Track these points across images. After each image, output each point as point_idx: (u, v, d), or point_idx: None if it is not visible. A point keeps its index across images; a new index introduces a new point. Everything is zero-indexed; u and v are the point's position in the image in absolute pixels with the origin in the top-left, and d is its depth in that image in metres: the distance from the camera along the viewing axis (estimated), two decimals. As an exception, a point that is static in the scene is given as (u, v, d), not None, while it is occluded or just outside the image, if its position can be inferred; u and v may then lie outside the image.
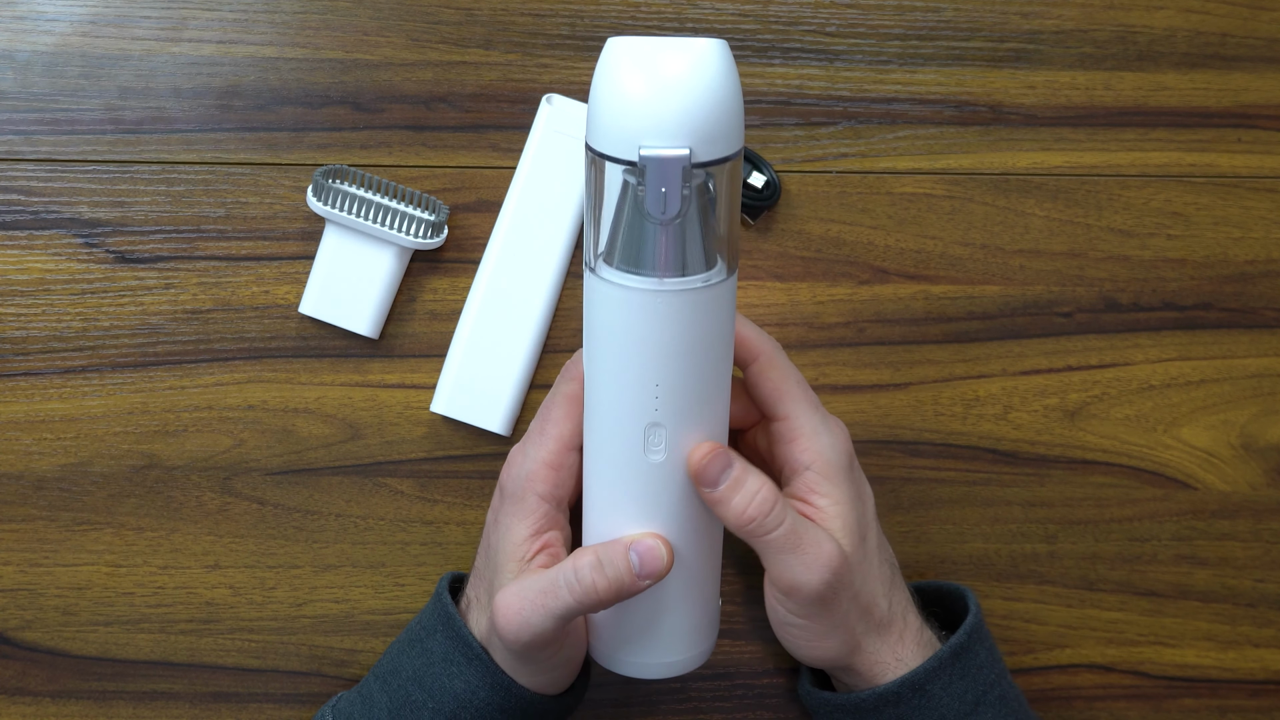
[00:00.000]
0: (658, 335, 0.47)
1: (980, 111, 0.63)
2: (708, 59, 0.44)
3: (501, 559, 0.52)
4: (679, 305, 0.47)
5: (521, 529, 0.52)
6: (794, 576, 0.50)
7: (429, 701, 0.53)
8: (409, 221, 0.59)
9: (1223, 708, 0.63)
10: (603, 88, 0.45)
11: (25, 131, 0.61)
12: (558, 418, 0.53)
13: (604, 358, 0.49)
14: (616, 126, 0.45)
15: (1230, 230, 0.63)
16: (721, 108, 0.45)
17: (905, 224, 0.63)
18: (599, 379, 0.50)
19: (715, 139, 0.45)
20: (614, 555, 0.49)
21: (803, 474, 0.53)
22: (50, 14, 0.61)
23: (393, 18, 0.61)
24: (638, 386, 0.49)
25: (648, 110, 0.44)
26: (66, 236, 0.61)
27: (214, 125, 0.61)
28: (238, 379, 0.61)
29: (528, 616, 0.49)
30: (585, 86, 0.62)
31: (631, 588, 0.49)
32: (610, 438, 0.50)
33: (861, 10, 0.62)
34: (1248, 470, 0.63)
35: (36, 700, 0.61)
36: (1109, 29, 0.63)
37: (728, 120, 0.45)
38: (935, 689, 0.52)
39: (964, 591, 0.57)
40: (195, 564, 0.61)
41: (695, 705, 0.62)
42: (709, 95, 0.44)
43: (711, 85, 0.44)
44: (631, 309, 0.47)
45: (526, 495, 0.53)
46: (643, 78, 0.44)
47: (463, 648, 0.53)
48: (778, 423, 0.54)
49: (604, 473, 0.51)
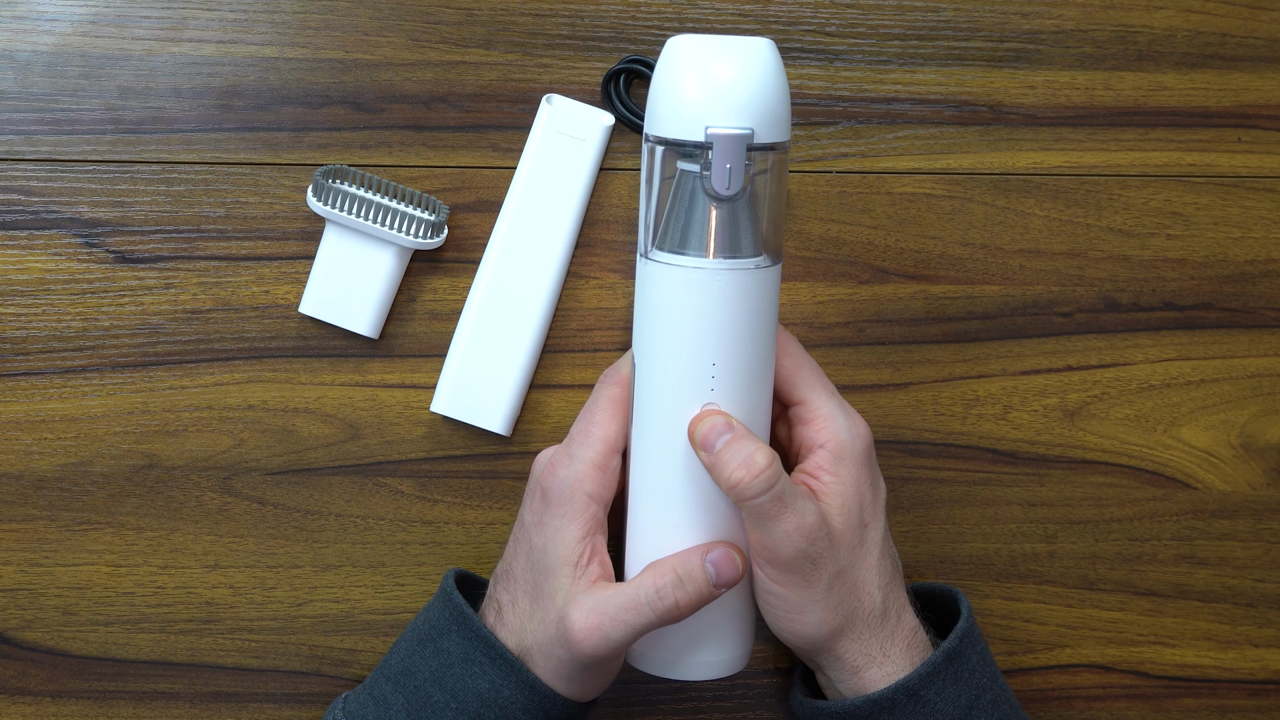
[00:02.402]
0: (716, 313, 0.51)
1: (980, 111, 0.63)
2: (763, 53, 0.50)
3: (552, 561, 0.52)
4: (735, 284, 0.51)
5: (573, 531, 0.52)
6: (771, 541, 0.51)
7: (451, 702, 0.53)
8: (409, 221, 0.59)
9: (1223, 708, 0.63)
10: (668, 78, 0.50)
11: (25, 131, 0.61)
12: (602, 420, 0.54)
13: (660, 341, 0.52)
14: (684, 111, 0.49)
15: (1230, 230, 0.63)
16: (777, 96, 0.50)
17: (905, 224, 0.63)
18: (654, 363, 0.52)
19: (772, 124, 0.50)
20: (692, 569, 0.50)
21: (816, 452, 0.53)
22: (50, 14, 0.61)
23: (393, 18, 0.61)
24: (695, 366, 0.51)
25: (715, 94, 0.49)
26: (67, 236, 0.61)
27: (214, 125, 0.61)
28: (238, 379, 0.61)
29: (608, 632, 0.50)
30: (586, 86, 0.62)
31: (709, 598, 0.51)
32: (666, 423, 0.52)
33: (861, 10, 0.62)
34: (1248, 470, 0.63)
35: (36, 700, 0.61)
36: (1109, 29, 0.63)
37: (781, 108, 0.50)
38: (930, 694, 0.52)
39: (956, 594, 0.57)
40: (195, 564, 0.61)
41: (695, 705, 0.62)
42: (767, 83, 0.50)
43: (768, 75, 0.50)
44: (690, 289, 0.51)
45: (576, 496, 0.52)
46: (708, 68, 0.49)
47: (484, 647, 0.53)
48: (795, 406, 0.54)
49: (657, 458, 0.52)
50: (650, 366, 0.52)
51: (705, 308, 0.51)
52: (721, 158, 0.49)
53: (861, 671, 0.53)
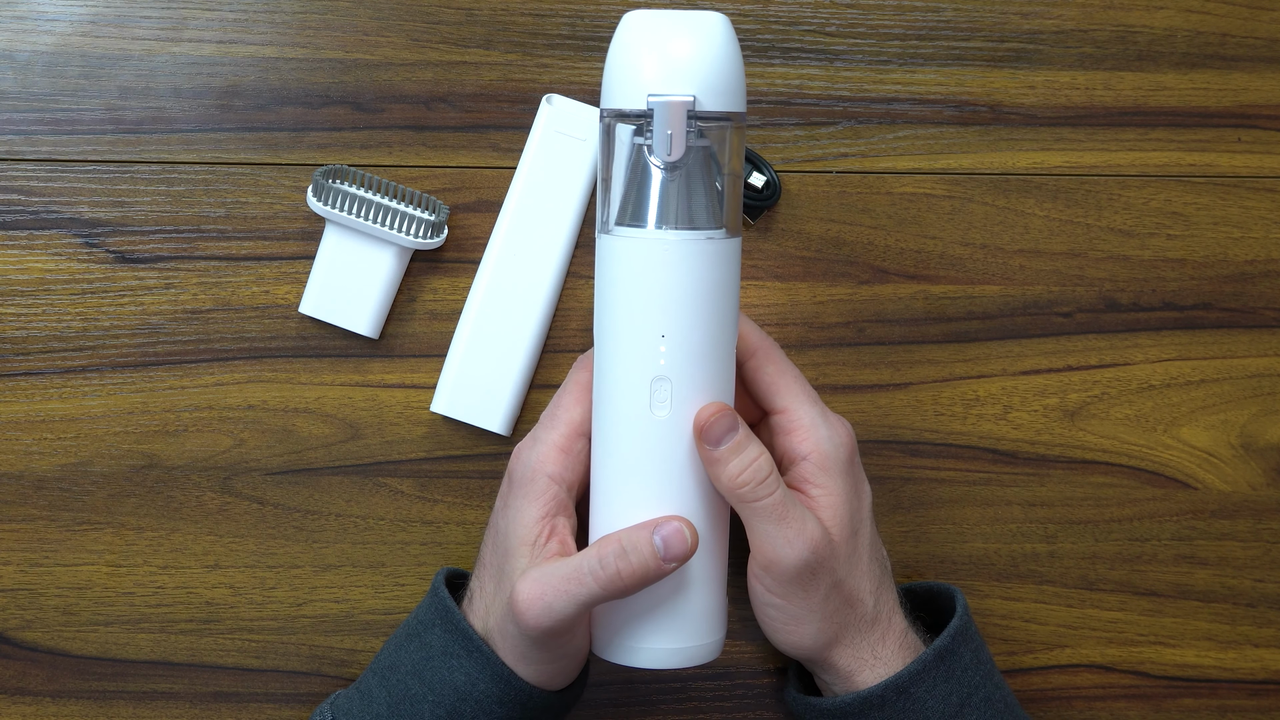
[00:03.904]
0: (662, 283, 0.50)
1: (980, 111, 0.63)
2: (711, 24, 0.50)
3: (512, 542, 0.52)
4: (683, 254, 0.50)
5: (532, 511, 0.52)
6: (775, 549, 0.50)
7: (429, 695, 0.53)
8: (409, 221, 0.59)
9: (1223, 708, 0.63)
10: (616, 51, 0.50)
11: (25, 131, 0.61)
12: (568, 404, 0.54)
13: (611, 314, 0.51)
14: (627, 81, 0.50)
15: (1230, 230, 0.63)
16: (724, 65, 0.50)
17: (905, 224, 0.63)
18: (606, 337, 0.52)
19: (719, 92, 0.50)
20: (638, 541, 0.49)
21: (799, 464, 0.53)
22: (50, 14, 0.61)
23: (393, 18, 0.61)
24: (644, 338, 0.50)
25: (655, 61, 0.49)
26: (67, 236, 0.61)
27: (214, 125, 0.61)
28: (238, 379, 0.61)
29: (550, 602, 0.49)
30: (585, 86, 0.62)
31: (657, 572, 0.50)
32: (617, 395, 0.51)
33: (861, 10, 0.62)
34: (1248, 470, 0.63)
35: (36, 700, 0.61)
36: (1109, 29, 0.63)
37: (729, 78, 0.50)
38: (919, 691, 0.52)
39: (953, 592, 0.57)
40: (195, 564, 0.61)
41: (695, 705, 0.62)
42: (712, 52, 0.49)
43: (715, 44, 0.50)
44: (637, 259, 0.51)
45: (537, 477, 0.53)
46: (651, 38, 0.50)
47: (462, 640, 0.53)
48: (776, 415, 0.54)
49: (611, 433, 0.52)
50: (604, 341, 0.52)
51: (652, 278, 0.50)
52: (662, 124, 0.49)
53: (854, 676, 0.53)
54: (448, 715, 0.52)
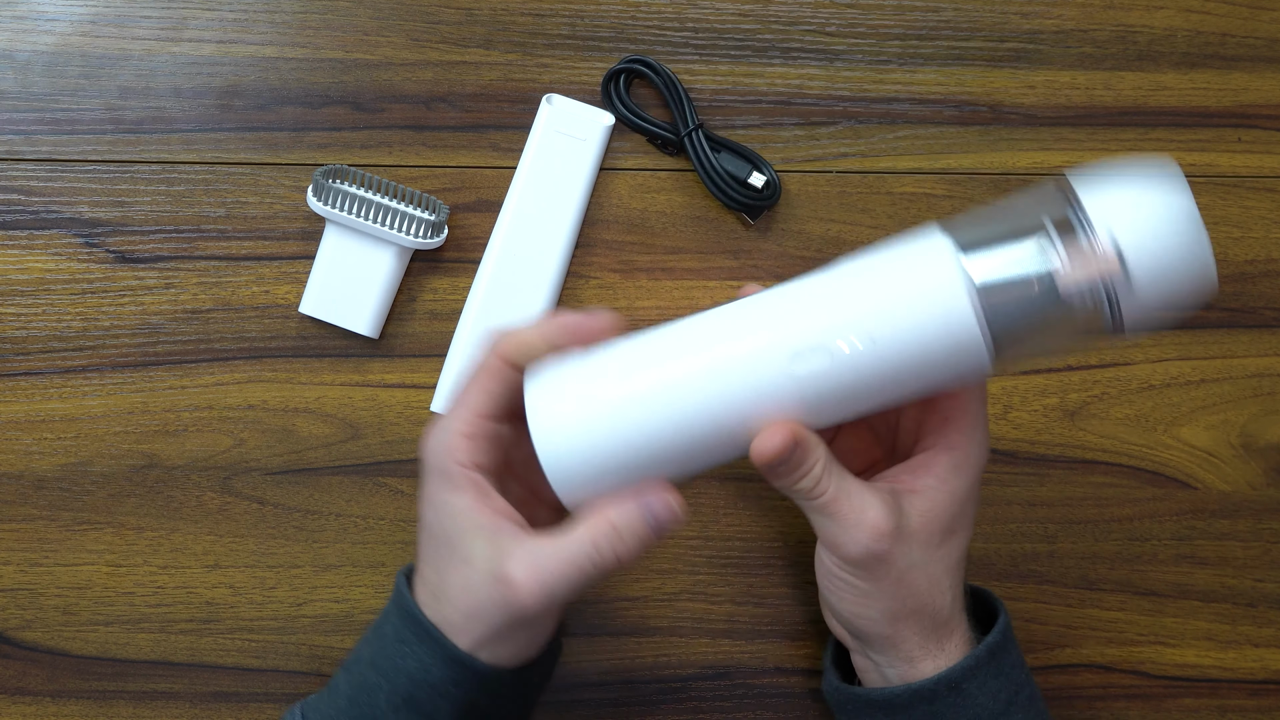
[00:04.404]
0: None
1: (980, 111, 0.63)
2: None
3: (452, 531, 0.51)
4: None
5: (460, 501, 0.51)
6: (833, 538, 0.51)
7: (383, 683, 0.53)
8: (409, 221, 0.59)
9: (1223, 708, 0.63)
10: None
11: (25, 131, 0.61)
12: (475, 389, 0.52)
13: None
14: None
15: (1230, 230, 0.63)
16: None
17: (905, 224, 0.63)
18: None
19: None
20: (630, 520, 0.49)
21: (939, 453, 0.52)
22: (50, 14, 0.61)
23: (393, 18, 0.61)
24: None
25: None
26: (66, 236, 0.61)
27: (214, 125, 0.61)
28: (238, 379, 0.61)
29: (552, 589, 0.49)
30: (585, 86, 0.62)
31: (651, 546, 0.50)
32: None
33: (861, 10, 0.62)
34: (1248, 470, 0.63)
35: (36, 700, 0.61)
36: (1109, 29, 0.63)
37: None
38: (971, 687, 0.52)
39: (987, 593, 0.57)
40: (195, 564, 0.61)
41: (695, 705, 0.62)
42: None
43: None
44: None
45: (449, 466, 0.51)
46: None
47: (413, 626, 0.52)
48: (946, 400, 0.53)
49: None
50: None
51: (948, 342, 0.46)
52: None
53: (917, 662, 0.53)
54: (404, 702, 0.52)
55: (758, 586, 0.62)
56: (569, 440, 0.49)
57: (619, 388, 0.48)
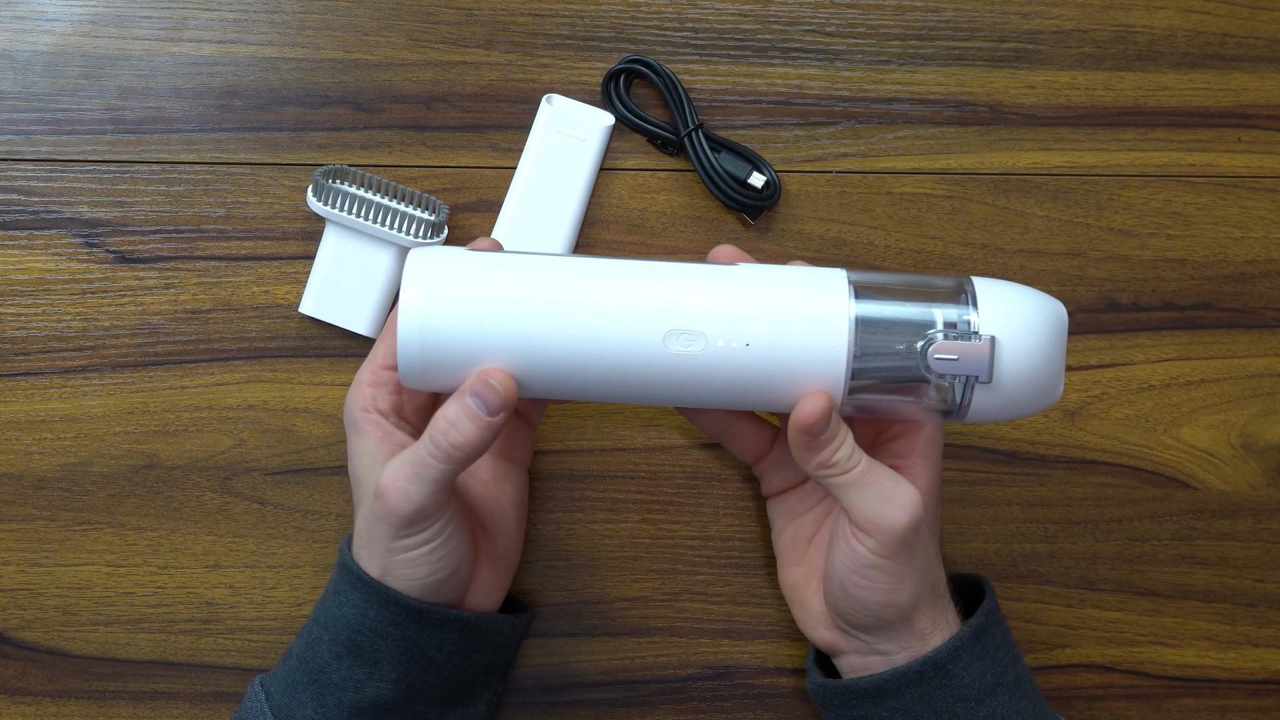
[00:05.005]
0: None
1: (980, 111, 0.63)
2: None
3: (362, 474, 0.53)
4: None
5: (365, 444, 0.53)
6: (877, 512, 0.51)
7: (324, 635, 0.53)
8: (409, 221, 0.59)
9: (1223, 708, 0.63)
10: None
11: (25, 131, 0.61)
12: (380, 344, 0.55)
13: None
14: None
15: (1230, 230, 0.63)
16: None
17: (905, 224, 0.63)
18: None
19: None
20: (458, 409, 0.50)
21: (914, 433, 0.54)
22: (50, 14, 0.61)
23: (393, 18, 0.61)
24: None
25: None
26: (66, 236, 0.61)
27: (214, 125, 0.61)
28: (238, 379, 0.61)
29: (404, 487, 0.50)
30: (585, 86, 0.62)
31: (490, 428, 0.49)
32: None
33: (861, 10, 0.62)
34: (1248, 470, 0.63)
35: (36, 700, 0.61)
36: (1109, 29, 0.63)
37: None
38: (957, 669, 0.52)
39: (978, 577, 0.57)
40: (195, 564, 0.61)
41: (695, 705, 0.62)
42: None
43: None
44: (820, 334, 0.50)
45: (356, 415, 0.54)
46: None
47: (346, 574, 0.53)
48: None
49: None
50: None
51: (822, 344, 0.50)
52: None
53: (928, 637, 0.53)
54: (346, 650, 0.53)
55: (758, 586, 0.62)
56: (432, 314, 0.49)
57: (492, 285, 0.50)
